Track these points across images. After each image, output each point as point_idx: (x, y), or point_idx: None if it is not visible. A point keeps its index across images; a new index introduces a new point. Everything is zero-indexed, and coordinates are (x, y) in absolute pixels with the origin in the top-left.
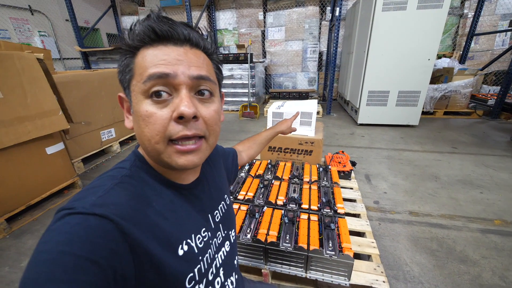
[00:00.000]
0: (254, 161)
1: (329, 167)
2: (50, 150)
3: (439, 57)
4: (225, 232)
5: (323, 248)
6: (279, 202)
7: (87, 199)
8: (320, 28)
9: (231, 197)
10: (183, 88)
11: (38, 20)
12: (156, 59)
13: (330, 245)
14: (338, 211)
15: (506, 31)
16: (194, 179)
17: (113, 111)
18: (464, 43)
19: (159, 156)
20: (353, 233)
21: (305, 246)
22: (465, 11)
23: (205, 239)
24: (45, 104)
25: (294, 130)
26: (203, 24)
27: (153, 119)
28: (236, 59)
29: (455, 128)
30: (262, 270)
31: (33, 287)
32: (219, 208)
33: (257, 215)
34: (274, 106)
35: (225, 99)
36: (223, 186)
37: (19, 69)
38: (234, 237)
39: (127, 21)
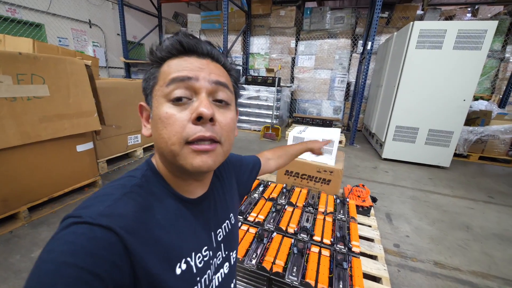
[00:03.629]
0: (269, 183)
1: (347, 199)
2: (80, 148)
3: (475, 99)
4: (226, 252)
5: None
6: (290, 230)
7: (94, 208)
8: (350, 60)
9: (241, 217)
10: (203, 92)
11: (94, 32)
12: (180, 66)
13: (341, 286)
14: (353, 249)
15: None
16: (202, 193)
17: None
18: (504, 87)
19: (175, 159)
20: (368, 276)
21: (313, 283)
22: (507, 55)
23: (205, 259)
24: (84, 105)
25: (321, 154)
26: (238, 47)
27: (172, 120)
28: (264, 82)
29: (492, 176)
30: None
31: None
32: (223, 226)
33: (265, 240)
34: (296, 130)
35: (248, 118)
36: (230, 204)
37: (68, 72)
38: (234, 259)
39: None
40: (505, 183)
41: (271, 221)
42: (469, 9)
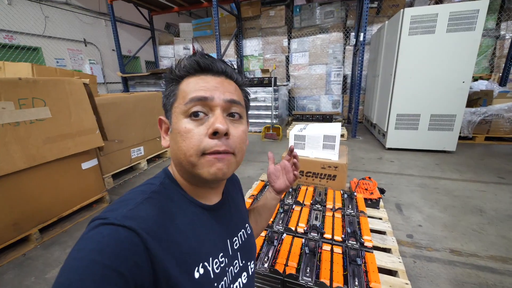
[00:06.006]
0: None
1: (355, 193)
2: (85, 165)
3: (475, 79)
4: (243, 262)
5: (347, 287)
6: (300, 230)
7: (119, 211)
8: (344, 53)
9: None
10: (218, 109)
11: (90, 50)
12: (197, 86)
13: (356, 283)
14: (365, 244)
15: None
16: (218, 200)
17: (144, 131)
18: (503, 64)
19: (193, 169)
20: (383, 270)
21: (328, 282)
22: (502, 32)
23: (221, 265)
24: (86, 123)
25: (290, 181)
26: (231, 51)
27: (190, 135)
28: (261, 83)
29: (501, 156)
30: None
31: None
32: (239, 235)
33: (275, 242)
34: (296, 129)
35: (248, 120)
36: (244, 214)
37: (68, 92)
38: (253, 270)
39: (164, 50)
40: None
41: (280, 222)
42: None
